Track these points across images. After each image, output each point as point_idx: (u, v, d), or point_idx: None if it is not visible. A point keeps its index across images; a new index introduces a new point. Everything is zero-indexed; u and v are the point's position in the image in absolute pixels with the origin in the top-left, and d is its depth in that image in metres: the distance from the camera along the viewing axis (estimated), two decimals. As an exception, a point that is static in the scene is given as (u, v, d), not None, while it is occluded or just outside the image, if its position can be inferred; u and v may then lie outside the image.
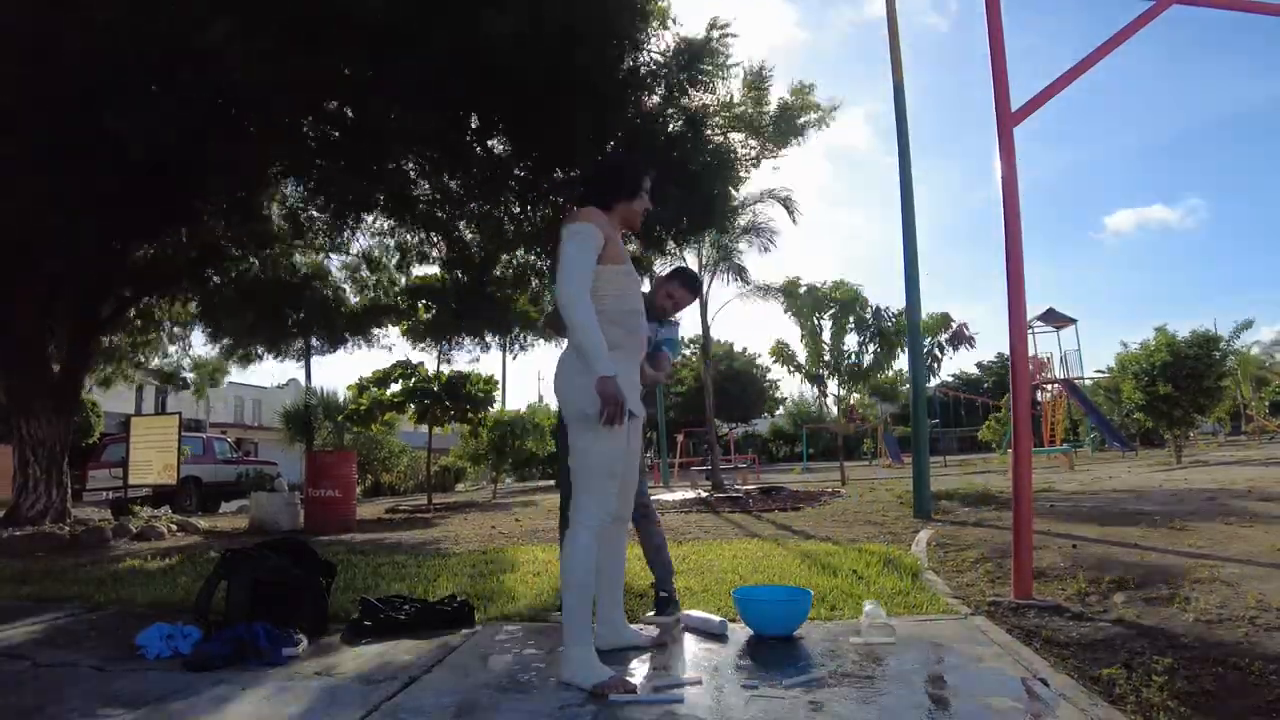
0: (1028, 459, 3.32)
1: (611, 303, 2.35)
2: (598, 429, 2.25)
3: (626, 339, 2.40)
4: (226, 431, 25.20)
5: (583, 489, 2.36)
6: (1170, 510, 5.92)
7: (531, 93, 5.86)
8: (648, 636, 2.67)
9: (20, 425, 7.73)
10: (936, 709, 1.99)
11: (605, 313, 2.30)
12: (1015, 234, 3.34)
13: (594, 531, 2.32)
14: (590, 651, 2.25)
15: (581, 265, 2.28)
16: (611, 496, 2.37)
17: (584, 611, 2.27)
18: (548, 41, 5.34)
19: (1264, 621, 2.64)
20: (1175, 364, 14.53)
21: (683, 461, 21.98)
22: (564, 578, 2.31)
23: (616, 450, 2.34)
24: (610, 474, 2.35)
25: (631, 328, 2.43)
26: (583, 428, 2.32)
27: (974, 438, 29.46)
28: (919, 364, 7.91)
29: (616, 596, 2.64)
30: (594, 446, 2.31)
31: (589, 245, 2.30)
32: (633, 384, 2.45)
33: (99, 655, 2.68)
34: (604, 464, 2.33)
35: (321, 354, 11.82)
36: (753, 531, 6.15)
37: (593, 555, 2.32)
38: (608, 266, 2.34)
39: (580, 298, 2.24)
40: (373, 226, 8.95)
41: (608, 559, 2.58)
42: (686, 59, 6.47)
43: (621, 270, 2.39)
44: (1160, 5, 3.35)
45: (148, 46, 5.05)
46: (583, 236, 2.30)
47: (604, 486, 2.34)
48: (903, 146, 7.45)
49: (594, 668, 2.21)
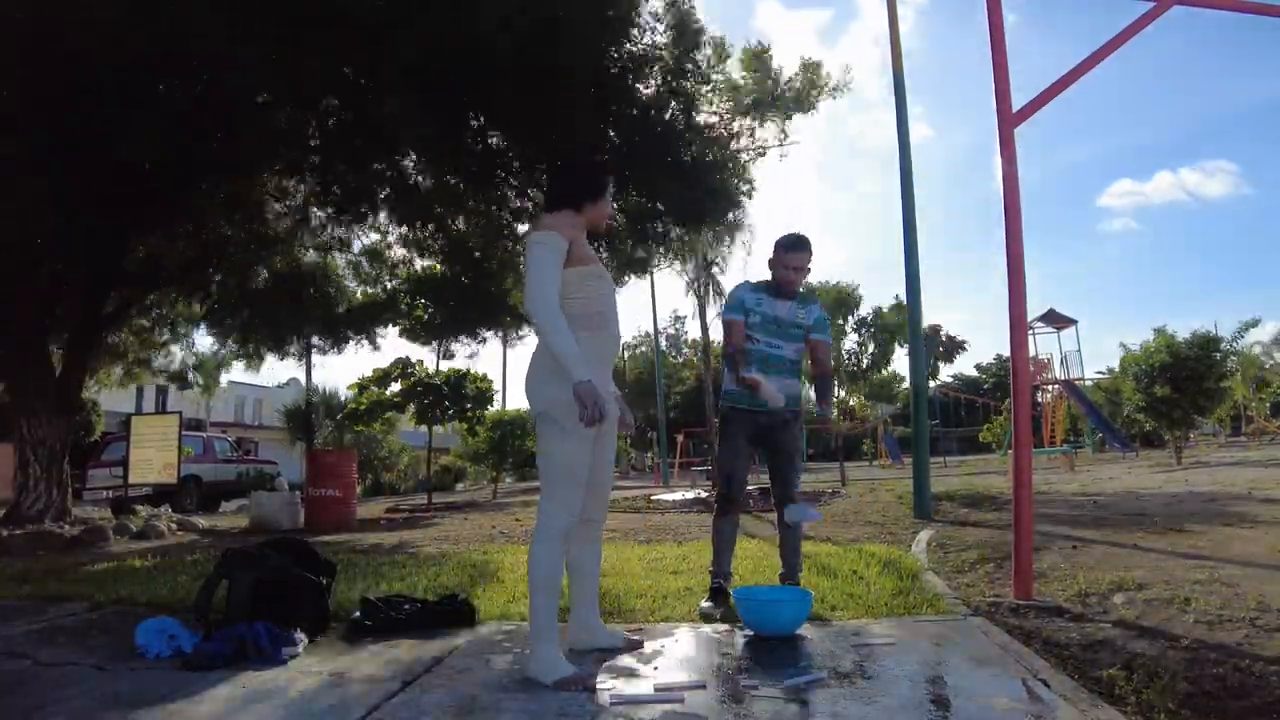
0: (1028, 459, 3.32)
1: (578, 305, 2.37)
2: (563, 431, 2.32)
3: (594, 341, 2.40)
4: (227, 431, 25.17)
5: (548, 491, 2.39)
6: (1170, 511, 5.92)
7: (523, 81, 5.82)
8: (622, 637, 2.65)
9: (21, 424, 7.74)
10: (936, 710, 1.99)
11: (572, 316, 2.32)
12: (1016, 234, 3.34)
13: (559, 533, 2.36)
14: (554, 649, 2.29)
15: (548, 273, 2.31)
16: (577, 498, 2.39)
17: (550, 611, 2.32)
18: (537, 28, 5.31)
19: (1264, 623, 2.64)
20: (1175, 365, 14.53)
21: (683, 461, 21.99)
22: (530, 578, 2.36)
23: (581, 452, 2.37)
24: (575, 476, 2.37)
25: (599, 329, 2.43)
26: (548, 430, 2.37)
27: (974, 438, 29.47)
28: (919, 364, 7.91)
29: (590, 597, 2.64)
30: (559, 448, 2.35)
31: (554, 252, 2.33)
32: (604, 385, 2.45)
33: (100, 654, 2.68)
34: (569, 466, 2.36)
35: (324, 353, 11.82)
36: (753, 531, 6.15)
37: (559, 556, 2.36)
38: (574, 269, 2.37)
39: (549, 305, 2.28)
40: (373, 222, 8.95)
41: (582, 560, 2.59)
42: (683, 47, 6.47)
43: (588, 272, 2.42)
44: (1161, 6, 3.35)
45: (147, 47, 5.06)
46: (547, 245, 2.34)
47: (569, 488, 2.37)
48: (903, 143, 7.45)
49: (556, 664, 2.25)
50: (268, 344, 11.01)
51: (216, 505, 14.48)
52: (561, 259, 2.34)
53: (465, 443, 17.29)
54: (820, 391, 3.52)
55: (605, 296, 2.48)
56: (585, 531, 2.55)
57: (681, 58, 6.51)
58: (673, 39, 6.53)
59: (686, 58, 6.56)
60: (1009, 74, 3.41)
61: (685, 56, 6.54)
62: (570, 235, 2.39)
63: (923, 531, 5.64)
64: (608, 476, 2.62)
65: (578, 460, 2.37)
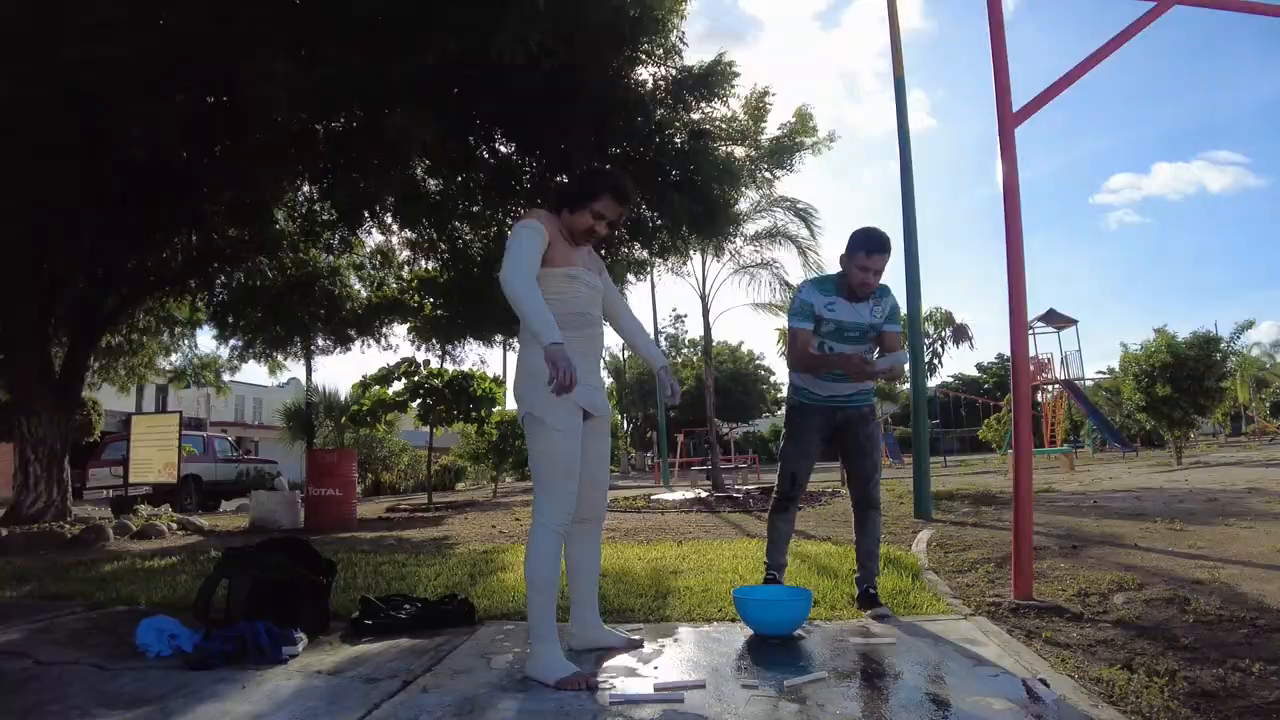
0: (1028, 459, 3.32)
1: (555, 304, 2.37)
2: (549, 430, 2.34)
3: (576, 339, 2.41)
4: (227, 430, 25.23)
5: (541, 490, 2.40)
6: (1170, 511, 5.92)
7: (537, 95, 5.89)
8: (621, 638, 2.65)
9: (21, 424, 7.74)
10: (936, 709, 1.99)
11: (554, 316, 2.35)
12: (1016, 233, 3.34)
13: (555, 531, 2.37)
14: (554, 649, 2.30)
15: (524, 250, 2.35)
16: (570, 496, 2.39)
17: (548, 610, 2.33)
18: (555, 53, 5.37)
19: (1264, 623, 2.64)
20: (1175, 365, 14.54)
21: (683, 461, 21.98)
22: (528, 578, 2.36)
23: (570, 449, 2.38)
24: (567, 474, 2.37)
25: (580, 327, 2.46)
26: (535, 430, 2.38)
27: (974, 438, 29.48)
28: (919, 364, 7.91)
29: (589, 597, 2.63)
30: (549, 448, 2.37)
31: (533, 233, 2.38)
32: (592, 384, 2.47)
33: (100, 653, 2.68)
34: (559, 464, 2.37)
35: (328, 354, 11.82)
36: (752, 532, 6.15)
37: (555, 555, 2.37)
38: (550, 270, 2.40)
39: (520, 273, 2.29)
40: (380, 226, 8.97)
41: (580, 559, 2.60)
42: (693, 80, 6.66)
43: (562, 273, 2.45)
44: (1161, 6, 3.35)
45: (150, 54, 5.05)
46: (526, 228, 2.40)
47: (562, 487, 2.37)
48: (904, 142, 7.45)
49: (557, 664, 2.26)
50: (271, 344, 11.01)
51: (216, 505, 14.48)
52: (538, 241, 2.37)
53: (466, 442, 17.28)
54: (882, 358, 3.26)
55: (585, 298, 2.50)
56: (582, 531, 2.55)
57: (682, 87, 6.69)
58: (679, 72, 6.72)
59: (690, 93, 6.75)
60: (1009, 74, 3.41)
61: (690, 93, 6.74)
62: (552, 232, 2.43)
63: (923, 531, 5.64)
64: (603, 475, 2.62)
65: (567, 458, 2.37)
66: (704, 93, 6.78)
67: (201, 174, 6.93)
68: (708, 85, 6.72)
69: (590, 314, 2.52)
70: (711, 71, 6.71)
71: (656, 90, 6.76)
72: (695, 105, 6.96)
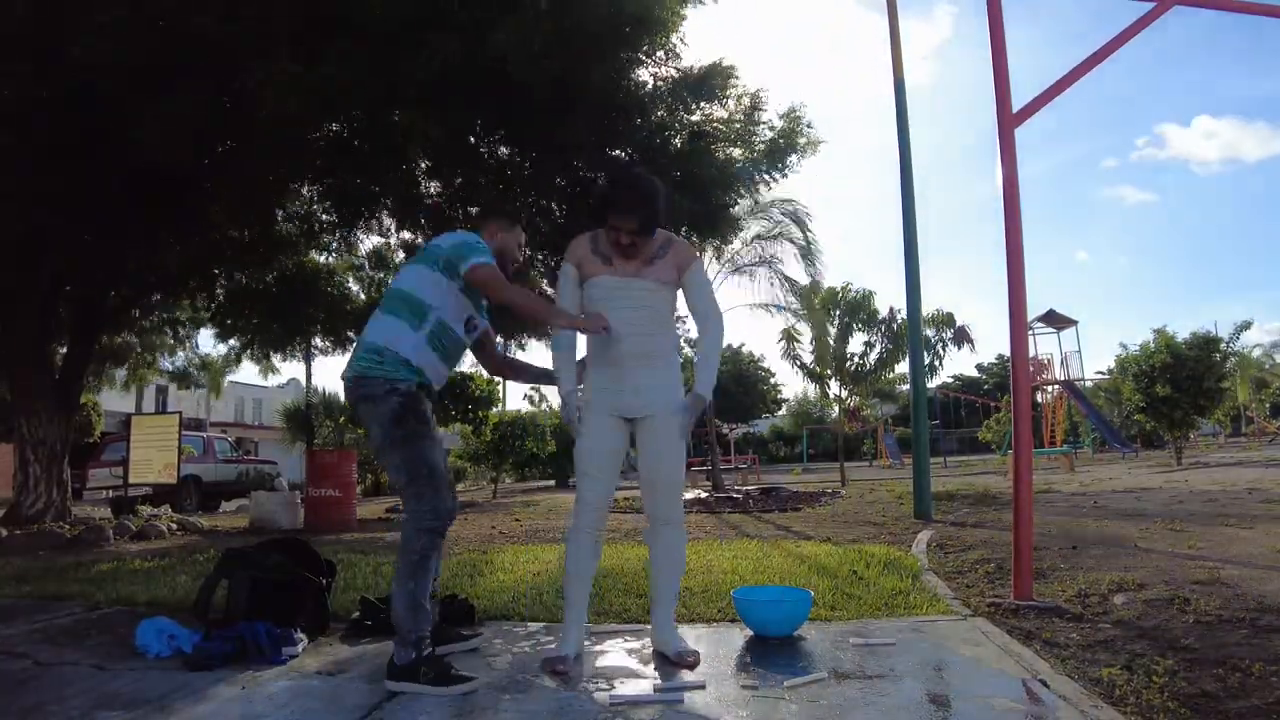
0: (1028, 460, 3.32)
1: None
2: (578, 434, 2.53)
3: (599, 347, 2.53)
4: (227, 431, 25.21)
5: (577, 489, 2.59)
6: (1170, 512, 5.93)
7: (538, 98, 5.90)
8: (676, 647, 2.46)
9: (21, 424, 7.74)
10: (936, 710, 1.99)
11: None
12: (1016, 233, 3.34)
13: (577, 529, 2.52)
14: (570, 629, 2.49)
15: (559, 299, 2.60)
16: (586, 495, 2.53)
17: (569, 596, 2.53)
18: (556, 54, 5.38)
19: (1264, 623, 2.64)
20: (1175, 365, 14.54)
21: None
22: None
23: (587, 452, 2.51)
24: (583, 474, 2.53)
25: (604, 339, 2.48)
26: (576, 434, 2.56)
27: (974, 438, 29.46)
28: (919, 364, 7.91)
29: (661, 597, 2.58)
30: (576, 450, 2.55)
31: (561, 282, 2.61)
32: (620, 388, 2.50)
33: (99, 654, 2.68)
34: (579, 465, 2.54)
35: (327, 354, 11.80)
36: (752, 532, 6.15)
37: (575, 552, 2.53)
38: (585, 284, 2.55)
39: (556, 334, 2.58)
40: (378, 229, 8.98)
41: (653, 560, 2.62)
42: (693, 81, 6.73)
43: (588, 284, 2.53)
44: (1161, 6, 3.35)
45: (155, 55, 5.05)
46: (559, 274, 2.66)
47: (582, 484, 2.54)
48: (903, 143, 7.45)
49: (561, 643, 2.46)
50: (271, 345, 11.00)
51: (216, 505, 14.46)
52: (564, 283, 2.58)
53: (466, 443, 17.28)
54: None
55: (617, 304, 2.47)
56: (654, 532, 2.59)
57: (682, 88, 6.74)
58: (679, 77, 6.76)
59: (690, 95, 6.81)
60: (1009, 75, 3.41)
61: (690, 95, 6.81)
62: (582, 254, 2.55)
63: (923, 532, 5.64)
64: (661, 474, 2.52)
65: (583, 459, 2.51)
66: (704, 94, 6.80)
67: (203, 175, 6.92)
68: (707, 86, 6.74)
69: (625, 319, 2.45)
70: (711, 73, 6.75)
71: (656, 91, 6.78)
72: (695, 106, 6.99)
